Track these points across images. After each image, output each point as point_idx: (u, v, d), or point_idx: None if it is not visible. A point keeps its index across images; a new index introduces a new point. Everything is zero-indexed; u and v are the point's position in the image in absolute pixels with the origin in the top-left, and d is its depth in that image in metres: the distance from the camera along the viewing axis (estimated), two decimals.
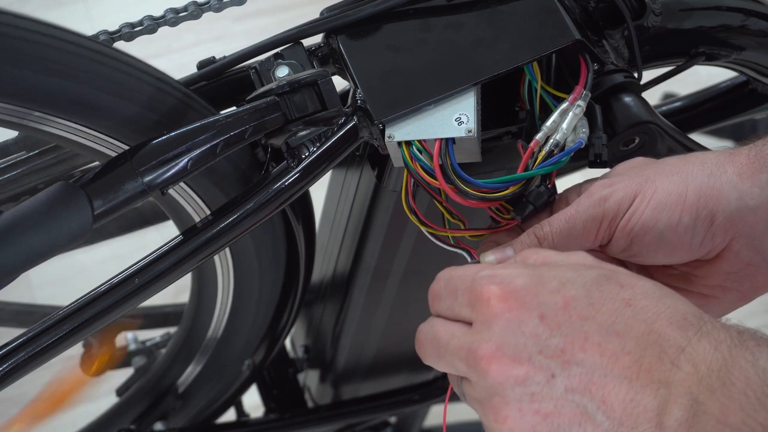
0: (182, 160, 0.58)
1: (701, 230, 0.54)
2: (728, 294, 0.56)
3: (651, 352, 0.44)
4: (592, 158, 0.61)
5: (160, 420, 0.98)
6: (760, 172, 0.54)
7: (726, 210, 0.54)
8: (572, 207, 0.56)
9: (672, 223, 0.54)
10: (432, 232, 0.63)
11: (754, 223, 0.54)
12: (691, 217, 0.54)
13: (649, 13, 0.69)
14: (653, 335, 0.44)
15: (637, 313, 0.45)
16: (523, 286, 0.47)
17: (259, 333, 0.90)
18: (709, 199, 0.54)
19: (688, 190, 0.54)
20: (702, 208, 0.54)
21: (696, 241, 0.54)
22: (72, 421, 1.05)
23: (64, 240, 0.57)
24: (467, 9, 0.64)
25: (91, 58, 0.58)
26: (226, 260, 0.78)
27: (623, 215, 0.55)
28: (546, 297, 0.46)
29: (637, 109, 0.64)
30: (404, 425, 1.29)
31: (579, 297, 0.46)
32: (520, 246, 0.57)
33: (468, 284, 0.49)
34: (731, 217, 0.54)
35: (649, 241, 0.55)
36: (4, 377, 0.59)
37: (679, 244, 0.54)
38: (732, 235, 0.54)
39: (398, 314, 0.94)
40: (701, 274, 0.57)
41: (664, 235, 0.54)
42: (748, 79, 0.85)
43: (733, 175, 0.54)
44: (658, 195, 0.54)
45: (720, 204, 0.54)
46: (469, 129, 0.60)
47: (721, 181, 0.54)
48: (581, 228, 0.56)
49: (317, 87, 0.61)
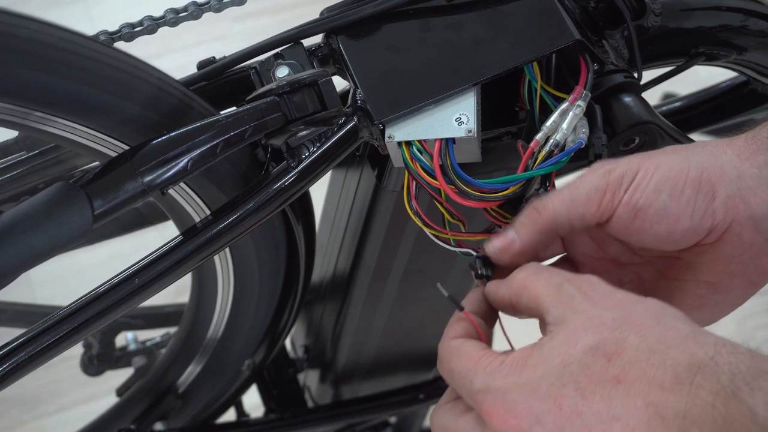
0: (182, 160, 0.58)
1: (702, 204, 0.54)
2: (735, 279, 0.56)
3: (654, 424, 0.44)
4: (592, 158, 0.61)
5: (160, 420, 0.98)
6: (758, 154, 0.55)
7: (727, 187, 0.54)
8: (575, 180, 0.57)
9: (675, 195, 0.54)
10: (435, 234, 0.63)
11: (754, 203, 0.54)
12: (693, 189, 0.54)
13: (649, 13, 0.69)
14: (651, 408, 0.45)
15: (629, 389, 0.46)
16: (515, 401, 0.48)
17: (259, 333, 0.90)
18: (711, 174, 0.55)
19: (690, 165, 0.55)
20: (705, 183, 0.54)
21: (697, 216, 0.55)
22: (72, 421, 1.05)
23: (64, 240, 0.57)
24: (467, 9, 0.64)
25: (91, 58, 0.58)
26: (226, 260, 0.78)
27: (627, 188, 0.55)
28: (539, 406, 0.47)
29: (637, 109, 0.64)
30: (404, 425, 1.29)
31: (569, 394, 0.47)
32: (522, 226, 0.57)
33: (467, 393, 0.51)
34: (732, 195, 0.54)
35: (652, 215, 0.55)
36: (4, 377, 0.59)
37: (681, 216, 0.55)
38: (733, 216, 0.55)
39: (398, 314, 0.94)
40: (705, 261, 0.57)
41: (667, 207, 0.54)
42: (748, 79, 0.85)
43: (732, 155, 0.55)
44: (661, 169, 0.55)
45: (721, 180, 0.54)
46: (469, 129, 0.60)
47: (721, 160, 0.55)
48: (584, 197, 0.56)
49: (317, 87, 0.61)
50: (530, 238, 0.57)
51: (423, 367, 1.10)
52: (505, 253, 0.57)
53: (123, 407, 1.00)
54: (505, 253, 0.57)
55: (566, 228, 0.57)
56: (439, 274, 0.86)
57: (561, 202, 0.56)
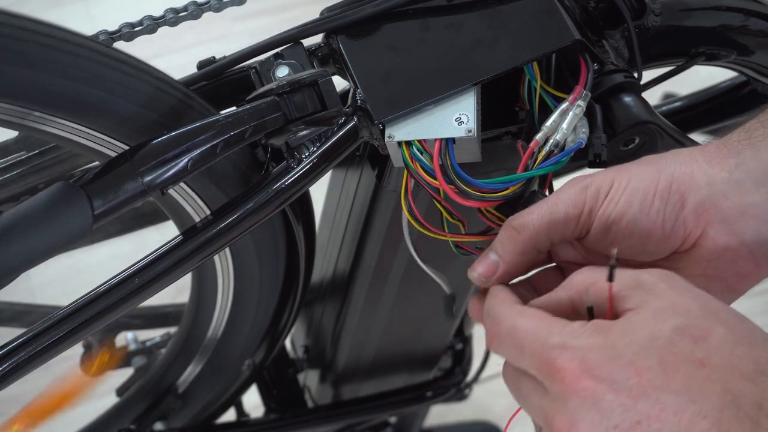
0: (182, 160, 0.58)
1: (672, 214, 0.55)
2: (713, 284, 0.57)
3: (728, 413, 0.44)
4: (591, 158, 0.62)
5: (160, 420, 0.98)
6: (728, 158, 0.56)
7: (697, 195, 0.55)
8: (553, 196, 0.57)
9: (644, 207, 0.55)
10: (430, 234, 0.63)
11: (726, 207, 0.55)
12: (662, 200, 0.55)
13: (649, 13, 0.69)
14: (728, 395, 0.44)
15: (711, 374, 0.45)
16: (596, 361, 0.47)
17: (259, 333, 0.90)
18: (680, 184, 0.55)
19: (660, 177, 0.56)
20: (673, 193, 0.55)
21: (668, 226, 0.55)
22: (72, 421, 1.05)
23: (64, 240, 0.57)
24: (467, 9, 0.64)
25: (91, 58, 0.58)
26: (226, 260, 0.78)
27: (602, 202, 0.56)
28: (619, 372, 0.46)
29: (637, 109, 0.64)
30: (404, 425, 1.29)
31: (652, 367, 0.46)
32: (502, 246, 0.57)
33: (537, 349, 0.49)
34: (702, 202, 0.55)
35: (624, 227, 0.56)
36: (4, 377, 0.59)
37: (651, 228, 0.55)
38: (706, 221, 0.55)
39: (398, 314, 0.94)
40: (682, 266, 0.57)
41: (637, 219, 0.55)
42: (748, 79, 0.85)
43: (703, 162, 0.56)
44: (632, 182, 0.56)
45: (691, 189, 0.55)
46: (469, 129, 0.60)
47: (692, 168, 0.56)
48: (563, 214, 0.56)
49: (317, 87, 0.61)
50: (512, 259, 0.57)
51: (423, 367, 1.10)
52: (490, 279, 0.57)
53: (123, 407, 1.01)
54: (489, 278, 0.57)
55: (546, 245, 0.57)
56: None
57: (540, 220, 0.56)
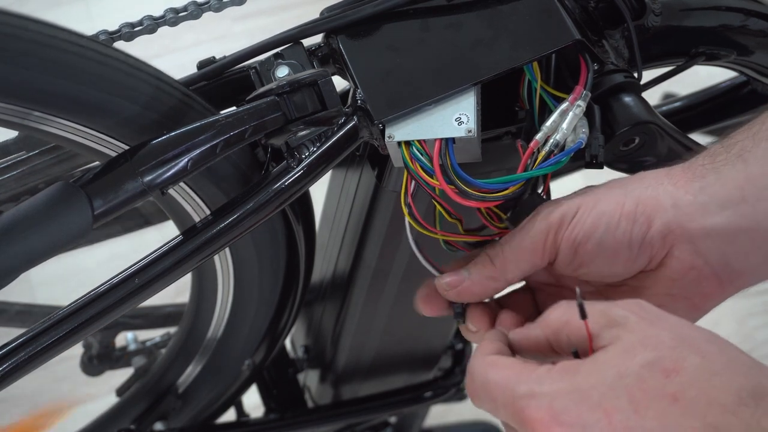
0: (182, 160, 0.58)
1: (638, 235, 0.56)
2: (678, 303, 0.57)
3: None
4: (588, 159, 0.62)
5: (160, 420, 0.98)
6: (693, 181, 0.57)
7: (663, 216, 0.56)
8: (522, 224, 0.59)
9: (611, 229, 0.57)
10: (429, 234, 0.63)
11: (691, 228, 0.56)
12: (629, 222, 0.56)
13: (649, 13, 0.69)
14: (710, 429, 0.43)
15: (687, 409, 0.44)
16: (563, 407, 0.46)
17: (259, 333, 0.90)
18: (646, 206, 0.57)
19: (626, 200, 0.57)
20: (639, 214, 0.57)
21: (635, 246, 0.57)
22: (72, 421, 1.05)
23: (64, 240, 0.57)
24: (467, 9, 0.64)
25: (91, 58, 0.58)
26: (226, 260, 0.78)
27: (568, 226, 0.57)
28: (588, 415, 0.45)
29: (637, 109, 0.64)
30: (404, 425, 1.29)
31: (621, 406, 0.45)
32: (475, 268, 0.60)
33: (508, 401, 0.49)
34: (668, 223, 0.56)
35: (591, 249, 0.57)
36: (4, 377, 0.59)
37: (618, 249, 0.57)
38: (672, 242, 0.56)
39: (398, 314, 0.94)
40: (648, 285, 0.58)
41: (604, 240, 0.57)
42: (748, 79, 0.85)
43: (668, 185, 0.57)
44: (599, 205, 0.57)
45: (657, 211, 0.56)
46: (469, 129, 0.60)
47: (657, 191, 0.57)
48: (530, 243, 0.58)
49: (317, 87, 0.61)
50: (479, 282, 0.60)
51: (423, 367, 1.10)
52: (452, 290, 0.61)
53: (123, 407, 1.01)
54: (452, 289, 0.61)
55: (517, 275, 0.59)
56: None
57: (510, 250, 0.59)
